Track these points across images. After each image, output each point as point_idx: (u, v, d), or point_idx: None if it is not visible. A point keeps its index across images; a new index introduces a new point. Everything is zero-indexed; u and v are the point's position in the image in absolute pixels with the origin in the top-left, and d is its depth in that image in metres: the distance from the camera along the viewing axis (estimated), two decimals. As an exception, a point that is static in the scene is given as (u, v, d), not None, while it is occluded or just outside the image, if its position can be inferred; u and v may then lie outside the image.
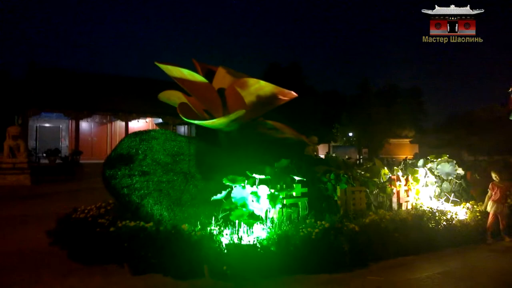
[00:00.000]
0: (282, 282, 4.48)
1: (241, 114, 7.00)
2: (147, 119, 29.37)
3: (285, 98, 7.40)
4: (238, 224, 5.08)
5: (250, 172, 5.83)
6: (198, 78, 7.15)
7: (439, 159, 7.48)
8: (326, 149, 33.37)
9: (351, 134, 36.59)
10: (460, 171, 7.47)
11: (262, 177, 5.77)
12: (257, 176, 5.75)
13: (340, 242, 4.95)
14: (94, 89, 25.74)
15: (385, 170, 6.86)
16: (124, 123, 26.52)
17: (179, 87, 7.57)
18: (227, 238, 4.77)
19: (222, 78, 7.92)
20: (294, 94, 7.31)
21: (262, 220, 5.32)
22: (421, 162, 7.59)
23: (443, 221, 6.06)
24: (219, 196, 5.74)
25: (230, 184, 5.75)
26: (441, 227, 5.98)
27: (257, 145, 7.75)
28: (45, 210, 8.91)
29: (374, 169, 6.99)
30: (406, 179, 6.81)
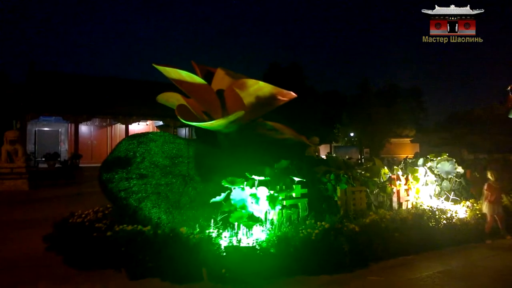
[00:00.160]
0: (282, 284, 4.44)
1: (240, 115, 6.95)
2: (148, 122, 29.30)
3: (284, 99, 7.35)
4: (237, 226, 5.04)
5: (249, 173, 5.78)
6: (196, 79, 7.11)
7: (439, 158, 7.45)
8: (328, 149, 33.31)
9: (352, 134, 36.53)
10: (459, 170, 7.44)
11: (262, 178, 5.73)
12: (256, 177, 5.71)
13: (340, 242, 4.92)
14: (94, 92, 25.70)
15: (385, 170, 6.83)
16: (124, 126, 26.46)
17: (179, 89, 7.55)
18: (226, 240, 4.73)
19: (221, 79, 7.88)
20: (293, 95, 7.26)
21: (262, 221, 5.28)
22: (421, 161, 7.55)
23: (443, 220, 6.03)
24: (218, 198, 5.69)
25: (229, 186, 5.71)
26: (441, 226, 5.94)
27: (256, 146, 7.70)
28: (42, 215, 8.78)
29: (374, 168, 6.95)
30: (406, 178, 6.77)
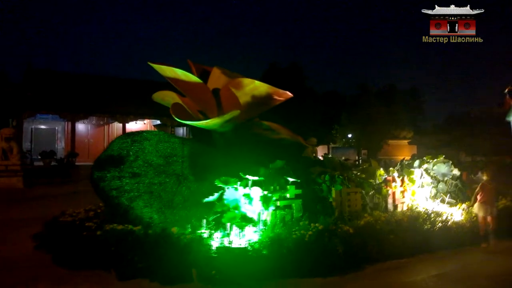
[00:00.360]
0: (273, 286, 4.37)
1: (235, 114, 6.89)
2: (145, 121, 29.22)
3: (280, 99, 7.29)
4: (230, 227, 4.97)
5: (244, 173, 5.72)
6: (192, 78, 7.04)
7: (435, 160, 7.40)
8: (326, 150, 33.27)
9: (350, 136, 36.48)
10: (456, 172, 7.39)
11: (256, 178, 5.67)
12: (250, 177, 5.64)
13: (334, 244, 4.85)
14: (91, 90, 25.60)
15: (380, 171, 6.77)
16: (121, 125, 26.37)
17: (175, 88, 7.48)
18: (218, 241, 4.66)
19: (217, 78, 7.82)
20: (289, 95, 7.20)
21: (255, 222, 5.21)
22: (417, 163, 7.49)
23: (439, 222, 5.97)
24: (212, 198, 5.62)
25: (223, 185, 5.64)
26: (436, 229, 5.88)
27: (252, 145, 7.63)
28: (33, 214, 8.68)
29: (370, 170, 6.90)
30: (402, 180, 6.71)
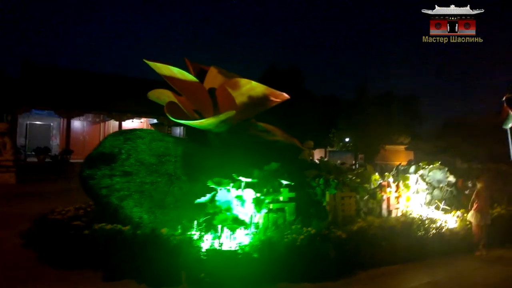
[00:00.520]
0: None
1: (231, 115, 6.81)
2: (142, 119, 29.03)
3: (277, 100, 7.22)
4: (221, 229, 4.88)
5: (238, 174, 5.64)
6: (188, 77, 6.96)
7: (431, 166, 7.34)
8: (323, 153, 33.26)
9: (348, 140, 36.47)
10: (451, 179, 7.33)
11: (249, 180, 5.58)
12: (243, 179, 5.56)
13: (326, 249, 4.77)
14: (88, 87, 25.39)
15: (375, 176, 6.70)
16: (117, 123, 26.20)
17: (172, 87, 7.41)
18: (208, 243, 4.57)
19: (213, 78, 7.74)
20: (286, 96, 7.14)
21: (247, 225, 5.13)
22: (412, 168, 7.43)
23: (433, 229, 5.90)
24: (203, 199, 5.53)
25: (215, 186, 5.56)
26: (430, 236, 5.82)
27: (247, 147, 7.56)
28: (24, 210, 8.46)
29: (365, 174, 6.83)
30: (397, 186, 6.65)
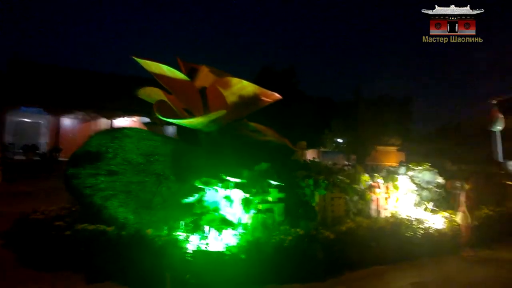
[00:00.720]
0: (249, 293, 4.23)
1: (221, 114, 6.73)
2: (134, 118, 28.66)
3: (268, 100, 7.15)
4: (208, 229, 4.81)
5: (228, 174, 5.57)
6: (178, 75, 6.87)
7: (420, 167, 7.37)
8: (316, 154, 33.32)
9: (341, 140, 36.60)
10: (440, 180, 7.36)
11: (238, 180, 5.52)
12: (231, 179, 5.50)
13: (314, 250, 4.74)
14: (78, 85, 24.99)
15: (365, 177, 6.69)
16: (109, 121, 25.88)
17: (163, 86, 7.33)
18: (194, 244, 4.49)
19: (204, 76, 7.66)
20: (278, 96, 7.08)
21: (235, 225, 5.07)
22: (402, 169, 7.45)
23: (421, 230, 5.92)
24: (191, 199, 5.46)
25: (203, 186, 5.49)
26: (418, 236, 5.83)
27: (238, 147, 7.50)
28: (8, 209, 8.06)
29: (354, 175, 6.81)
30: (386, 187, 6.65)
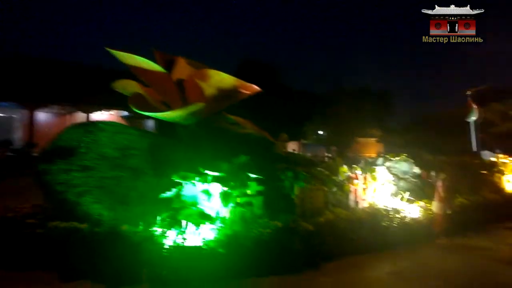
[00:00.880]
0: (227, 287, 4.20)
1: (200, 107, 6.63)
2: (112, 112, 27.93)
3: (247, 92, 7.11)
4: (185, 224, 4.73)
5: (207, 168, 5.50)
6: (154, 67, 6.71)
7: (397, 158, 7.51)
8: (296, 146, 33.55)
9: (322, 133, 36.97)
10: (416, 170, 7.53)
11: (216, 174, 5.45)
12: (210, 172, 5.43)
13: (293, 242, 4.75)
14: (54, 77, 24.06)
15: (343, 168, 6.75)
16: (85, 115, 25.12)
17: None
18: (172, 239, 4.41)
19: (182, 69, 7.52)
20: (257, 88, 7.04)
21: (213, 219, 5.00)
22: (380, 160, 7.57)
23: (397, 219, 6.05)
24: (169, 194, 5.37)
25: (181, 181, 5.40)
26: (395, 226, 5.96)
27: (217, 140, 7.43)
28: None
29: (333, 166, 6.87)
30: (364, 178, 6.72)
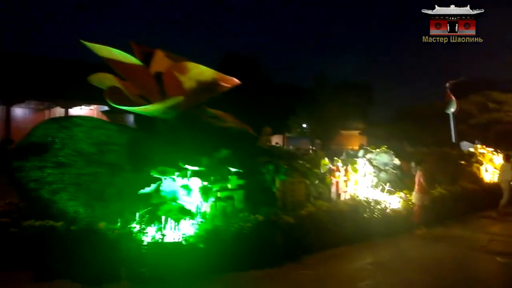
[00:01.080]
0: (207, 283, 4.16)
1: (178, 100, 6.52)
2: (92, 107, 27.21)
3: (227, 85, 7.04)
4: (164, 220, 4.65)
5: (187, 163, 5.41)
6: (131, 60, 6.54)
7: (378, 150, 7.60)
8: (281, 140, 33.66)
9: (305, 126, 37.20)
10: (396, 162, 7.66)
11: (195, 168, 5.38)
12: (189, 167, 5.35)
13: (273, 236, 4.75)
14: (31, 72, 23.19)
15: (325, 161, 6.78)
16: (64, 110, 24.38)
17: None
18: (150, 236, 4.33)
19: (160, 61, 7.37)
20: (236, 81, 7.00)
21: (193, 215, 4.94)
22: (361, 152, 7.65)
23: (378, 210, 6.14)
24: (148, 189, 5.26)
25: (160, 176, 5.30)
26: (375, 217, 6.04)
27: (197, 134, 7.33)
28: None
29: (315, 159, 6.90)
30: (346, 170, 6.78)
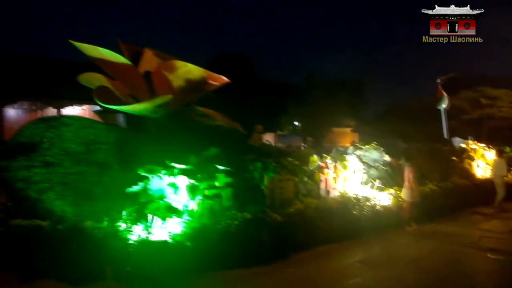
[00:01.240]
0: (194, 281, 4.15)
1: (167, 99, 6.52)
2: (84, 106, 27.01)
3: (215, 83, 7.07)
4: (151, 218, 4.64)
5: (175, 161, 5.41)
6: (119, 59, 6.54)
7: (368, 146, 7.64)
8: (273, 138, 33.70)
9: (297, 123, 37.26)
10: (386, 158, 7.69)
11: (183, 166, 5.38)
12: (177, 165, 5.35)
13: (261, 234, 4.76)
14: (22, 71, 22.96)
15: (313, 158, 6.80)
16: (56, 111, 24.19)
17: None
18: (137, 234, 4.33)
19: (149, 61, 7.39)
20: (225, 79, 7.03)
21: (181, 213, 4.94)
22: (351, 149, 7.68)
23: (367, 207, 6.15)
24: (135, 188, 5.26)
25: (147, 174, 5.30)
26: (365, 214, 6.05)
27: (186, 133, 7.34)
28: None
29: (303, 156, 6.92)
30: (335, 167, 6.81)
